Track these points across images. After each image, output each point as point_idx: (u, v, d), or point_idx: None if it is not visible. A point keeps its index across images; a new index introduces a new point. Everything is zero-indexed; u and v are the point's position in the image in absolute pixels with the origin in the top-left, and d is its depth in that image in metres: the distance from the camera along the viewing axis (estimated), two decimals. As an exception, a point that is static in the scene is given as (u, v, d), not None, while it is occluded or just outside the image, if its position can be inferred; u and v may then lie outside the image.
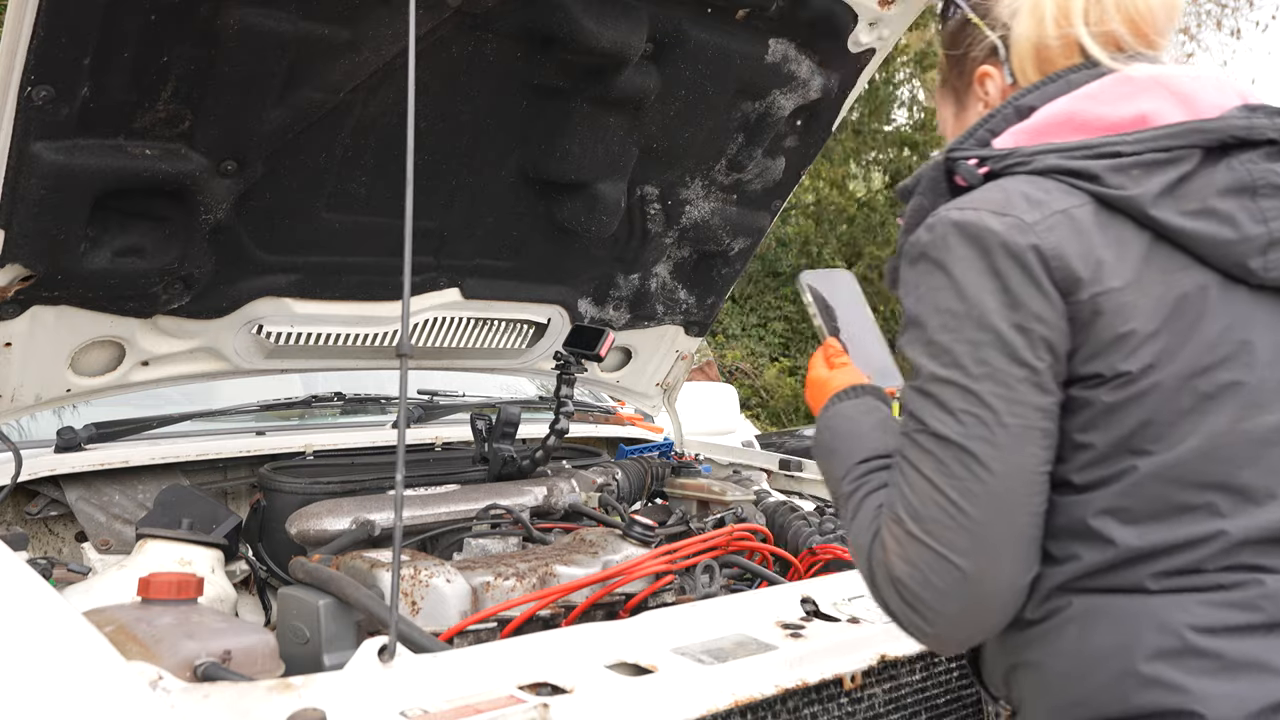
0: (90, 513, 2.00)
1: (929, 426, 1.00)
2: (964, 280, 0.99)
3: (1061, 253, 0.97)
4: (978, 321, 0.98)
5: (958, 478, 0.97)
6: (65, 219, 1.61)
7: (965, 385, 0.98)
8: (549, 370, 2.49)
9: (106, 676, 1.03)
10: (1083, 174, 1.01)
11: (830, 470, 1.20)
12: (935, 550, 0.97)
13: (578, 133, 2.03)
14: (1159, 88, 1.05)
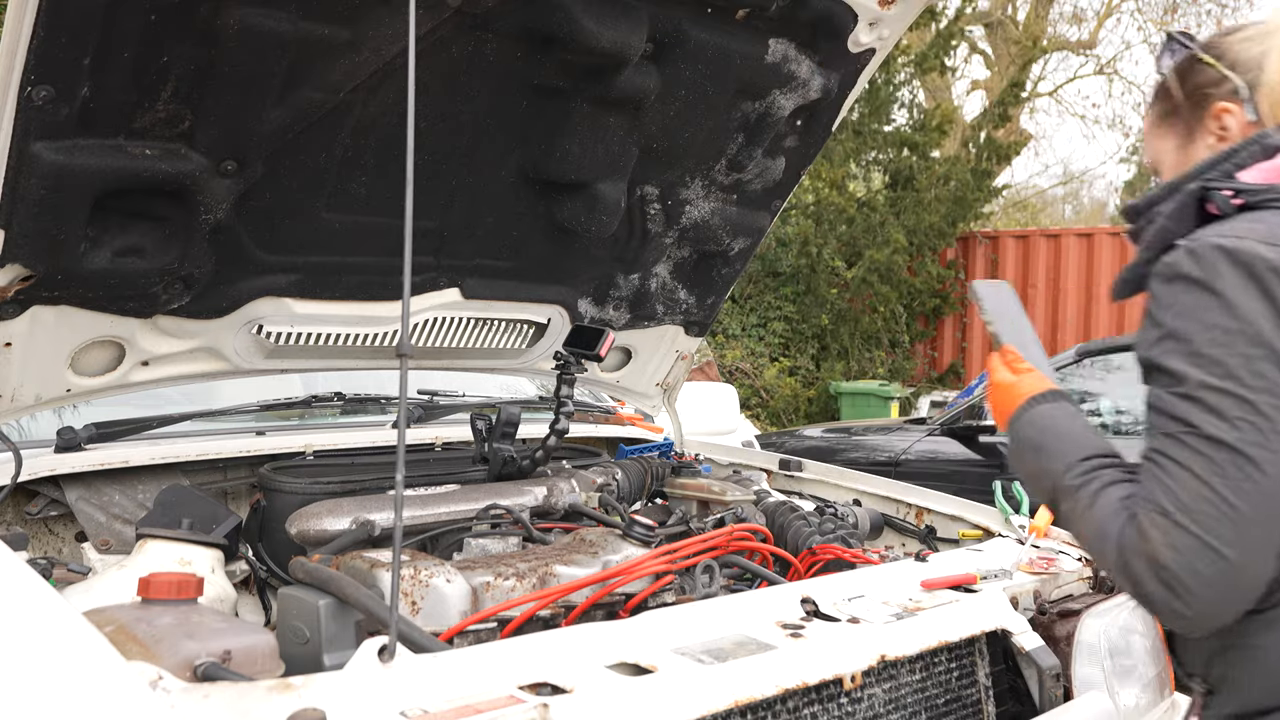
0: (90, 513, 2.00)
1: (1200, 429, 1.09)
2: (1235, 300, 1.09)
3: None
4: (1252, 338, 1.08)
5: (1232, 478, 1.06)
6: (65, 219, 1.61)
7: (1241, 395, 1.07)
8: (549, 370, 2.49)
9: (106, 676, 1.03)
10: None
11: (1042, 464, 1.28)
12: (1205, 541, 1.06)
13: (578, 133, 2.03)
14: None
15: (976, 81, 19.59)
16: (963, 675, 1.68)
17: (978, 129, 12.88)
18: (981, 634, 1.70)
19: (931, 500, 2.43)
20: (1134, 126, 21.88)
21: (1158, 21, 18.79)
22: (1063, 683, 1.76)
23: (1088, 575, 2.03)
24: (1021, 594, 1.86)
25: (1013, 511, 2.24)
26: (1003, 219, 18.84)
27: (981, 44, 18.34)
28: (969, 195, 12.09)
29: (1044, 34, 17.88)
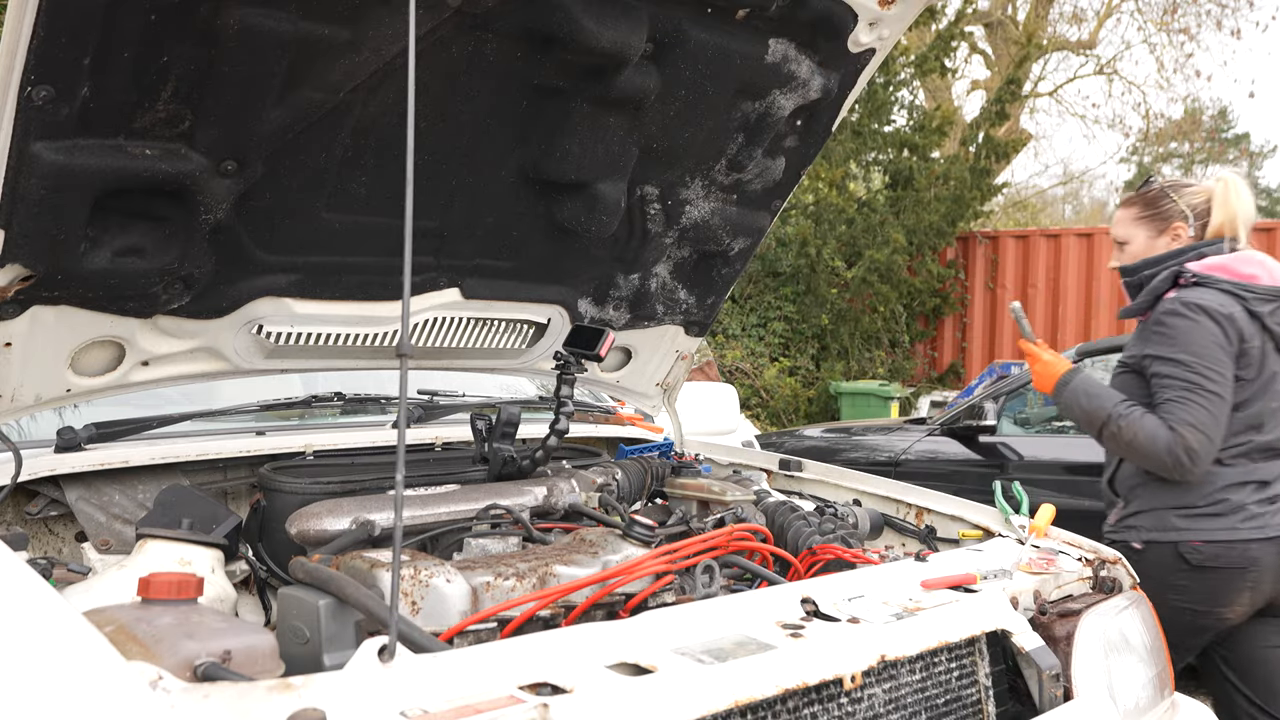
0: (90, 513, 2.00)
1: (1201, 385, 2.27)
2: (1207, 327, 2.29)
3: (1238, 324, 2.30)
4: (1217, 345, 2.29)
5: (1215, 408, 2.27)
6: (65, 219, 1.61)
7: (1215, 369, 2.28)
8: (549, 370, 2.49)
9: (106, 676, 1.03)
10: (1240, 296, 2.33)
11: (1093, 407, 2.41)
12: (1209, 437, 2.26)
13: (578, 133, 2.03)
14: (1261, 264, 2.37)
15: (976, 81, 19.59)
16: (963, 675, 1.68)
17: (976, 128, 12.87)
18: (981, 634, 1.70)
19: (931, 500, 2.43)
20: (1134, 126, 21.88)
21: (1158, 22, 18.79)
22: (1063, 683, 1.76)
23: (1088, 575, 2.03)
24: (1021, 594, 1.86)
25: (1013, 511, 2.24)
26: (1003, 219, 18.83)
27: (981, 44, 18.35)
28: (967, 194, 12.09)
29: (1044, 34, 17.89)
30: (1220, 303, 2.29)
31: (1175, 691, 2.06)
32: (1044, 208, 25.14)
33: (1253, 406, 2.33)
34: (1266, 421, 2.36)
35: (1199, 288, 2.33)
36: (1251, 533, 2.30)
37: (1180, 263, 2.37)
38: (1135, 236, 2.48)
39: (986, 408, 4.83)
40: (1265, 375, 2.34)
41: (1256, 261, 2.37)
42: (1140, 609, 2.01)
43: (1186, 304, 2.30)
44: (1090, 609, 1.87)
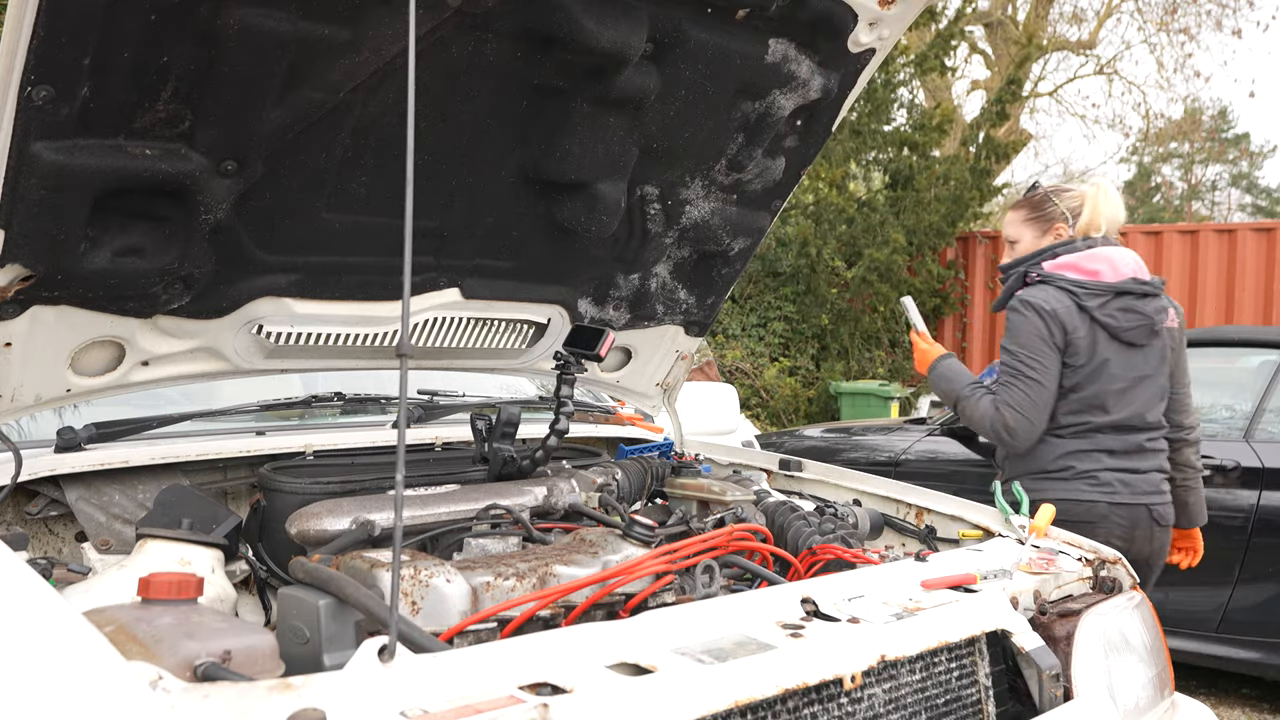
0: (90, 513, 2.00)
1: (1022, 372, 2.61)
2: (1029, 322, 2.62)
3: (1061, 319, 2.60)
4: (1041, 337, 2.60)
5: (1033, 391, 2.60)
6: (65, 219, 1.61)
7: (1036, 359, 2.60)
8: (549, 370, 2.49)
9: (106, 676, 1.03)
10: (1073, 292, 2.63)
11: (950, 388, 2.79)
12: (1026, 417, 2.59)
13: (578, 133, 2.03)
14: (1107, 260, 2.66)
15: (976, 81, 19.60)
16: (963, 675, 1.68)
17: (976, 128, 12.87)
18: (981, 634, 1.71)
19: (931, 500, 2.43)
20: (1134, 126, 21.89)
21: (1158, 22, 18.79)
22: (1063, 683, 1.76)
23: (1088, 575, 2.03)
24: (1021, 594, 1.86)
25: (1013, 511, 2.24)
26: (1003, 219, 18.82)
27: (981, 44, 18.35)
28: (967, 194, 12.09)
29: (1044, 34, 17.88)
30: (1048, 299, 2.61)
31: (1175, 691, 2.06)
32: (1044, 208, 25.10)
33: (1087, 389, 2.61)
34: (1108, 402, 2.62)
35: (1038, 285, 2.66)
36: (1099, 495, 2.60)
37: (1038, 262, 2.71)
38: (1023, 236, 2.83)
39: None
40: (1096, 361, 2.60)
41: (1104, 258, 2.63)
42: (1141, 609, 2.01)
43: (1022, 301, 2.65)
44: (1090, 609, 1.87)
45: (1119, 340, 2.62)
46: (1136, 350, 2.65)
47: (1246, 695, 4.45)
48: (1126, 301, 2.62)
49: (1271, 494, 4.04)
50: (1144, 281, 2.65)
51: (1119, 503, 2.59)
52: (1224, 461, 4.16)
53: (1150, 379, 2.67)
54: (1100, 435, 2.62)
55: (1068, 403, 2.62)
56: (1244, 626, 4.07)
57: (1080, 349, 2.59)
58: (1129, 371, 2.64)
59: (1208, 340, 4.89)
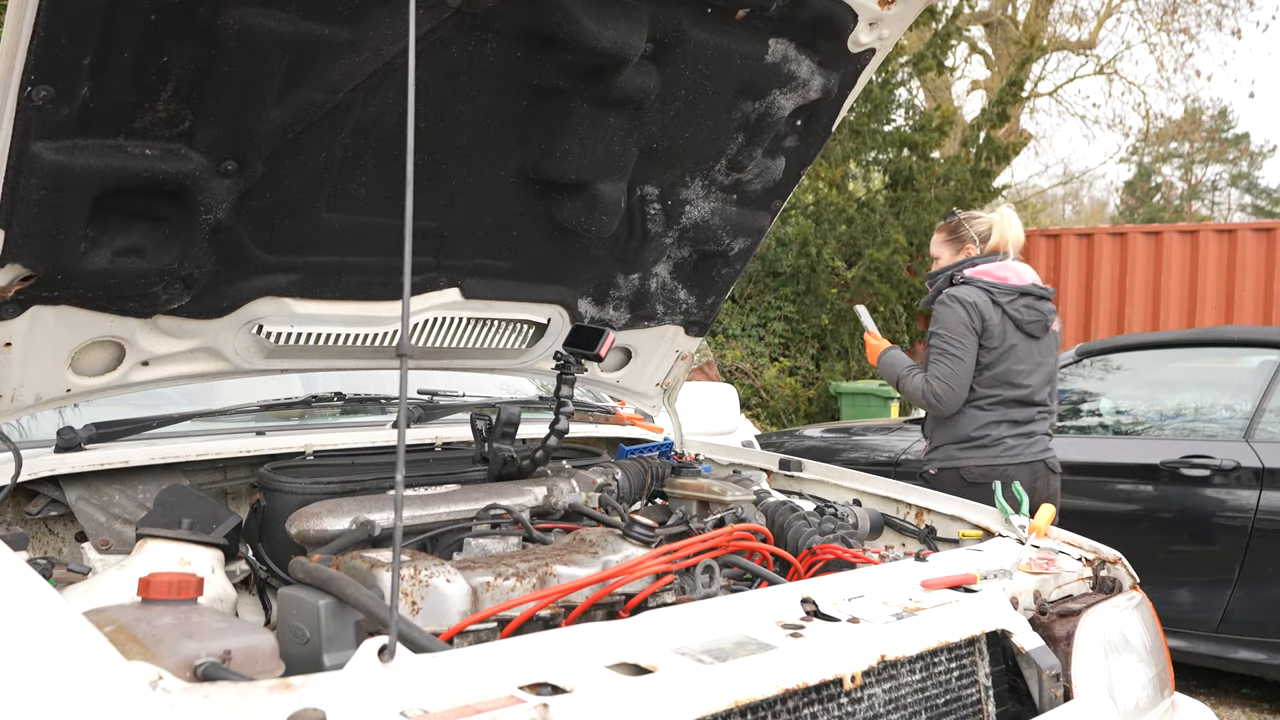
0: (90, 513, 2.00)
1: (948, 351, 3.26)
2: (953, 312, 3.29)
3: (980, 309, 3.28)
4: (964, 325, 3.27)
5: (956, 367, 3.25)
6: (65, 219, 1.61)
7: (958, 340, 3.26)
8: (549, 370, 2.49)
9: (106, 676, 1.03)
10: (989, 291, 3.31)
11: (892, 372, 3.47)
12: (951, 387, 3.25)
13: (578, 133, 2.03)
14: (1014, 271, 3.36)
15: (976, 81, 19.60)
16: (963, 675, 1.68)
17: (977, 129, 12.87)
18: (981, 634, 1.71)
19: (931, 500, 2.43)
20: (1134, 126, 21.90)
21: (1158, 22, 18.79)
22: (1063, 683, 1.76)
23: (1088, 575, 2.03)
24: (1021, 594, 1.86)
25: (1013, 511, 2.24)
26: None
27: (981, 44, 18.35)
28: (968, 195, 12.09)
29: (1044, 34, 17.88)
30: (969, 294, 3.30)
31: (1175, 691, 2.06)
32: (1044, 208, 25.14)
33: (998, 367, 3.29)
34: (1014, 379, 3.30)
35: (961, 285, 3.36)
36: (1009, 459, 3.28)
37: (960, 269, 3.41)
38: (943, 254, 3.54)
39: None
40: (1005, 345, 3.29)
41: (1011, 269, 3.39)
42: (1140, 609, 2.01)
43: (948, 295, 3.33)
44: (1090, 609, 1.87)
45: (1022, 330, 3.33)
46: (1034, 341, 3.36)
47: (1246, 695, 4.45)
48: (1029, 300, 3.34)
49: (1271, 494, 4.05)
50: (1041, 286, 3.39)
51: (1022, 462, 3.30)
52: (1224, 461, 4.16)
53: (1043, 365, 3.38)
54: (1006, 408, 3.31)
55: (983, 379, 3.30)
56: (1244, 626, 4.07)
57: (994, 334, 3.28)
58: (1030, 357, 3.34)
59: (1208, 340, 4.89)
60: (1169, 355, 4.93)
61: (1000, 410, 3.29)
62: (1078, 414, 5.01)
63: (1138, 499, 4.34)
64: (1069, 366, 4.98)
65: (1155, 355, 4.91)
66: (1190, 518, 4.21)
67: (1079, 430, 4.93)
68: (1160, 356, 4.92)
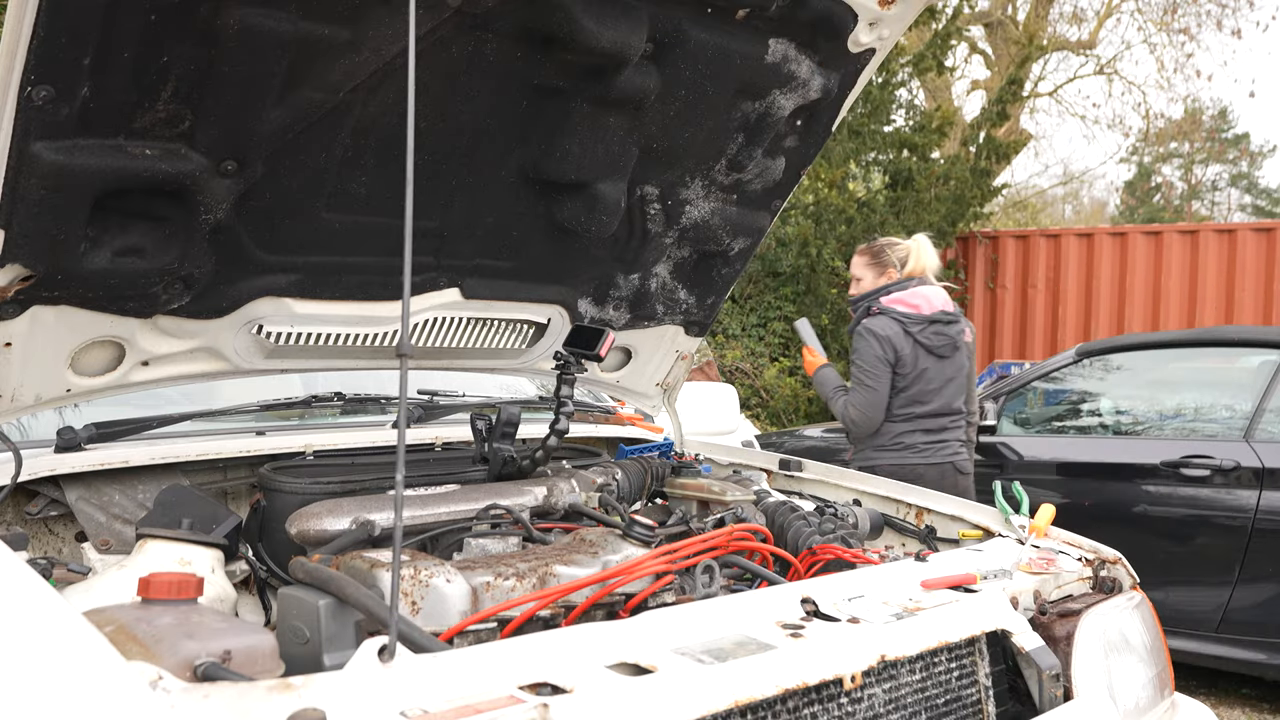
0: (90, 513, 2.00)
1: (863, 382, 3.69)
2: (868, 345, 3.69)
3: (894, 342, 3.66)
4: (878, 357, 3.67)
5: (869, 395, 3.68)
6: (65, 219, 1.61)
7: (872, 370, 3.68)
8: (549, 370, 2.49)
9: (106, 676, 1.03)
10: (901, 322, 3.69)
11: (824, 389, 3.90)
12: (865, 413, 3.69)
13: (578, 133, 2.03)
14: (925, 298, 3.74)
15: (976, 82, 19.61)
16: (963, 675, 1.68)
17: (977, 128, 12.86)
18: (981, 634, 1.70)
19: (931, 500, 2.43)
20: (1134, 126, 21.89)
21: (1158, 22, 18.79)
22: (1063, 683, 1.76)
23: (1088, 575, 2.03)
24: (1021, 594, 1.86)
25: (1013, 511, 2.24)
26: (1003, 219, 18.83)
27: (981, 44, 18.35)
28: (968, 194, 12.08)
29: (1044, 34, 17.88)
30: (883, 327, 3.70)
31: (1175, 691, 2.06)
32: (1044, 208, 25.14)
33: (913, 389, 3.70)
34: (925, 399, 3.72)
35: (877, 316, 3.75)
36: (918, 459, 3.71)
37: (877, 298, 3.79)
38: (866, 275, 3.89)
39: (986, 408, 4.84)
40: (917, 370, 3.70)
41: (923, 296, 3.75)
42: (1140, 609, 2.01)
43: (865, 329, 3.74)
44: (1090, 609, 1.87)
45: (933, 354, 3.73)
46: (945, 360, 3.75)
47: (1246, 695, 4.45)
48: (937, 327, 3.74)
49: (1271, 494, 4.05)
50: (949, 313, 3.78)
51: (930, 463, 3.73)
52: (1224, 461, 4.16)
53: (954, 380, 3.78)
54: (920, 420, 3.74)
55: (899, 399, 3.71)
56: (1244, 626, 4.07)
57: (906, 362, 3.69)
58: (940, 375, 3.75)
59: (1208, 340, 4.89)
60: (1169, 355, 4.93)
61: (915, 422, 3.73)
62: (1078, 414, 5.02)
63: (1138, 499, 4.34)
64: (1068, 367, 4.98)
65: (1155, 355, 4.91)
66: (1190, 518, 4.22)
67: (1079, 430, 4.93)
68: (1160, 356, 4.92)
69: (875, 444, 3.75)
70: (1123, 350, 4.97)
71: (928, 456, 3.71)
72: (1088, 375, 5.02)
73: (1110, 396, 5.02)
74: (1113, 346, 5.04)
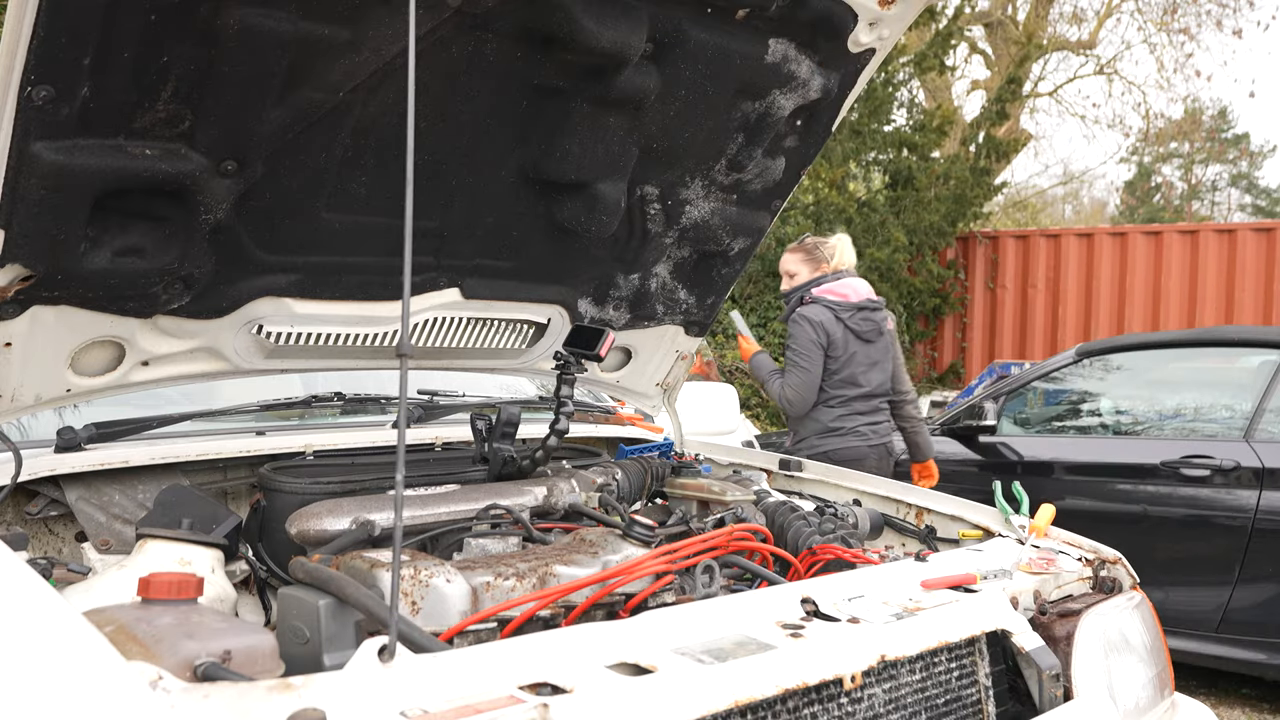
0: (90, 513, 2.00)
1: (798, 364, 4.00)
2: (803, 330, 4.01)
3: (826, 327, 4.00)
4: (812, 341, 3.99)
5: (803, 376, 3.99)
6: (65, 219, 1.61)
7: (807, 352, 3.99)
8: (549, 370, 2.49)
9: (106, 676, 1.03)
10: (832, 309, 4.03)
11: (760, 373, 4.19)
12: (800, 393, 4.00)
13: (578, 133, 2.03)
14: (852, 288, 4.12)
15: (976, 82, 19.61)
16: (963, 675, 1.68)
17: (977, 128, 12.86)
18: (981, 634, 1.71)
19: (931, 500, 2.43)
20: (1134, 126, 21.88)
21: (1158, 22, 18.79)
22: (1063, 683, 1.76)
23: (1088, 575, 2.03)
24: (1021, 594, 1.86)
25: (1013, 511, 2.24)
26: (1003, 219, 18.83)
27: (981, 44, 18.35)
28: (968, 194, 12.08)
29: (1044, 34, 17.88)
30: (816, 313, 4.02)
31: (1175, 691, 2.06)
32: (1044, 208, 25.15)
33: (844, 371, 4.03)
34: (856, 380, 4.04)
35: (810, 305, 4.07)
36: (861, 442, 4.03)
37: (809, 289, 4.12)
38: (800, 271, 4.20)
39: (986, 408, 4.84)
40: (848, 353, 4.03)
41: (850, 286, 4.12)
42: (1140, 609, 2.01)
43: (799, 315, 4.05)
44: (1090, 609, 1.87)
45: (861, 339, 4.07)
46: (871, 345, 4.09)
47: (1246, 695, 4.45)
48: (865, 314, 4.09)
49: (1271, 494, 4.05)
50: (874, 301, 4.14)
51: (871, 445, 4.07)
52: (1224, 461, 4.16)
53: (880, 364, 4.12)
54: (854, 402, 4.06)
55: (832, 381, 4.03)
56: (1244, 626, 4.07)
57: (838, 345, 4.02)
58: (868, 359, 4.08)
59: (1208, 340, 4.89)
60: (1169, 355, 4.93)
61: (849, 405, 4.07)
62: (1078, 414, 5.02)
63: (1138, 499, 4.34)
64: (1068, 367, 4.98)
65: (1155, 355, 4.91)
66: (1190, 518, 4.22)
67: (1079, 430, 4.93)
68: (1160, 356, 4.92)
69: (817, 431, 4.04)
70: (1123, 350, 4.97)
71: (869, 440, 4.06)
72: (1088, 375, 5.02)
73: (1110, 396, 5.02)
74: (1113, 346, 5.04)
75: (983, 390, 5.23)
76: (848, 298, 4.08)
